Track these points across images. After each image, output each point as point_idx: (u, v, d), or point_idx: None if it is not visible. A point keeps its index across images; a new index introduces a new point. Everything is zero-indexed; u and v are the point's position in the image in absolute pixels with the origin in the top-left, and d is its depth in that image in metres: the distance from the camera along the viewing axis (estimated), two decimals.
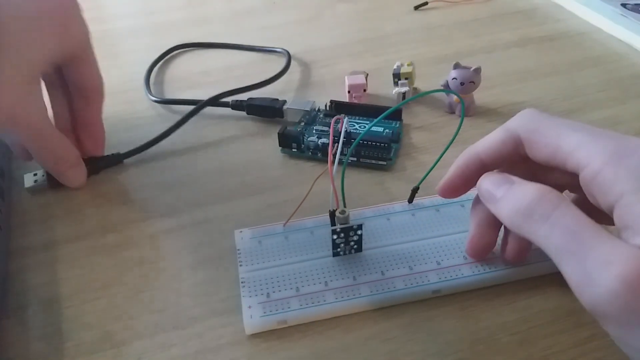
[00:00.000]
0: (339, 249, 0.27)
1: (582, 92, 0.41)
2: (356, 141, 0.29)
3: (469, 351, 0.24)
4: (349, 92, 0.40)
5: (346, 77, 0.40)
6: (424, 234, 0.28)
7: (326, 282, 0.26)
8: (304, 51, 0.47)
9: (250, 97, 0.39)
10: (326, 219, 0.27)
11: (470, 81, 0.37)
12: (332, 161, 0.26)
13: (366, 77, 0.40)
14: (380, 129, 0.36)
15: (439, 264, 0.27)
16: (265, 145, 0.36)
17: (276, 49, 0.47)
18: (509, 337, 0.24)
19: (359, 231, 0.26)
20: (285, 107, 0.38)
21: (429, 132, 0.37)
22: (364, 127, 0.36)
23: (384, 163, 0.34)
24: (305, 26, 0.53)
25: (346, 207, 0.26)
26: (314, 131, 0.36)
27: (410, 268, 0.26)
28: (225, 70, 0.46)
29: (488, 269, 0.26)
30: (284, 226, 0.29)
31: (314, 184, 0.28)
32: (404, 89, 0.39)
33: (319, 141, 0.34)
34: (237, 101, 0.39)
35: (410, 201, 0.30)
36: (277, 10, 0.57)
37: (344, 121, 0.31)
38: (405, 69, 0.40)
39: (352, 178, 0.33)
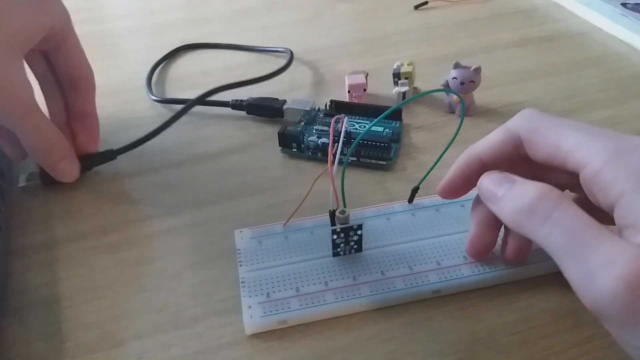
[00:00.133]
0: (339, 249, 0.27)
1: (582, 92, 0.41)
2: (356, 141, 0.29)
3: (469, 351, 0.24)
4: (349, 92, 0.40)
5: (346, 77, 0.40)
6: (424, 234, 0.28)
7: (326, 282, 0.26)
8: (304, 51, 0.47)
9: (250, 97, 0.39)
10: (326, 219, 0.27)
11: (470, 81, 0.37)
12: (332, 161, 0.26)
13: (366, 77, 0.40)
14: (380, 128, 0.36)
15: (439, 264, 0.27)
16: (265, 145, 0.36)
17: (279, 49, 0.47)
18: (509, 337, 0.24)
19: (359, 231, 0.26)
20: (285, 106, 0.38)
21: (429, 132, 0.37)
22: (364, 127, 0.36)
23: (384, 163, 0.34)
24: (306, 26, 0.53)
25: (346, 207, 0.26)
26: (314, 131, 0.36)
27: (410, 268, 0.26)
28: (226, 70, 0.46)
29: (488, 269, 0.26)
30: (284, 226, 0.29)
31: (314, 184, 0.28)
32: (404, 88, 0.39)
33: (319, 141, 0.34)
34: (237, 101, 0.39)
35: (410, 201, 0.30)
36: (277, 10, 0.57)
37: (344, 121, 0.31)
38: (405, 68, 0.40)
39: (352, 178, 0.33)
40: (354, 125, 0.36)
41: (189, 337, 0.25)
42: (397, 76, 0.40)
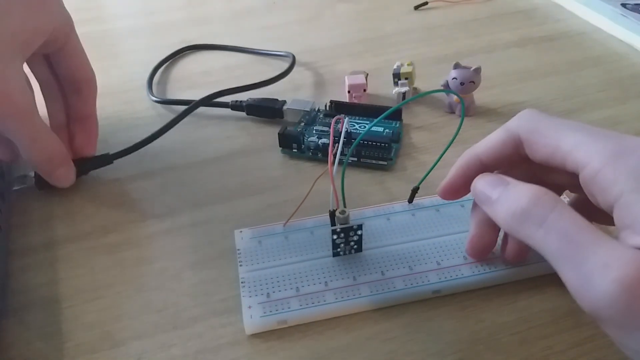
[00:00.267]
0: (339, 249, 0.27)
1: (582, 92, 0.41)
2: (356, 141, 0.29)
3: (469, 351, 0.24)
4: (349, 92, 0.40)
5: (346, 77, 0.40)
6: (424, 234, 0.28)
7: (326, 282, 0.26)
8: (304, 51, 0.47)
9: (250, 98, 0.39)
10: (326, 219, 0.27)
11: (470, 81, 0.37)
12: (332, 161, 0.26)
13: (366, 77, 0.40)
14: (381, 129, 0.36)
15: (439, 264, 0.27)
16: (265, 146, 0.36)
17: (282, 52, 0.46)
18: (509, 337, 0.24)
19: (359, 231, 0.26)
20: (285, 107, 0.38)
21: (429, 132, 0.37)
22: (364, 127, 0.36)
23: (384, 163, 0.34)
24: (305, 26, 0.53)
25: (346, 207, 0.26)
26: (314, 131, 0.36)
27: (410, 268, 0.26)
28: (226, 70, 0.46)
29: (488, 269, 0.26)
30: (284, 226, 0.29)
31: (314, 184, 0.28)
32: (404, 89, 0.39)
33: (319, 141, 0.34)
34: (237, 101, 0.39)
35: (411, 201, 0.30)
36: (277, 10, 0.57)
37: (344, 121, 0.31)
38: (405, 69, 0.40)
39: (352, 178, 0.33)
40: (354, 126, 0.36)
41: (189, 337, 0.25)
42: (397, 76, 0.40)
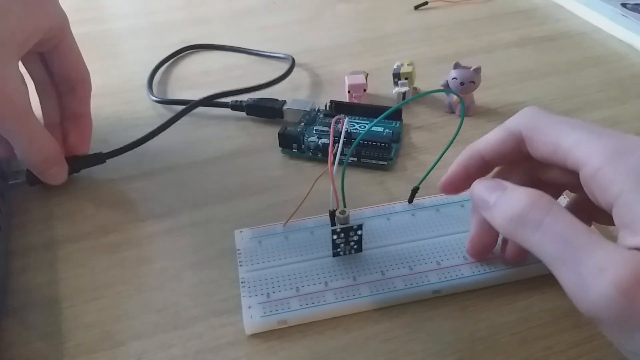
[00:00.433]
0: (339, 249, 0.27)
1: (582, 92, 0.41)
2: (356, 141, 0.29)
3: (469, 351, 0.24)
4: (349, 92, 0.40)
5: (346, 77, 0.40)
6: (424, 234, 0.28)
7: (326, 282, 0.26)
8: (304, 51, 0.47)
9: (250, 98, 0.39)
10: (326, 219, 0.27)
11: (470, 81, 0.37)
12: (332, 161, 0.26)
13: (366, 77, 0.40)
14: (381, 129, 0.36)
15: (439, 264, 0.27)
16: (265, 146, 0.36)
17: (281, 55, 0.46)
18: (509, 337, 0.24)
19: (359, 231, 0.26)
20: (285, 107, 0.38)
21: (429, 132, 0.37)
22: (364, 127, 0.36)
23: (385, 163, 0.34)
24: (305, 26, 0.53)
25: (346, 207, 0.26)
26: (314, 131, 0.36)
27: (410, 268, 0.26)
28: (226, 70, 0.46)
29: (488, 269, 0.26)
30: (284, 226, 0.29)
31: (314, 184, 0.28)
32: (404, 89, 0.39)
33: (319, 141, 0.34)
34: (237, 101, 0.39)
35: (411, 201, 0.30)
36: (277, 10, 0.57)
37: (344, 121, 0.31)
38: (405, 69, 0.40)
39: (352, 178, 0.33)
40: (354, 126, 0.36)
41: (189, 337, 0.25)
42: (397, 76, 0.40)
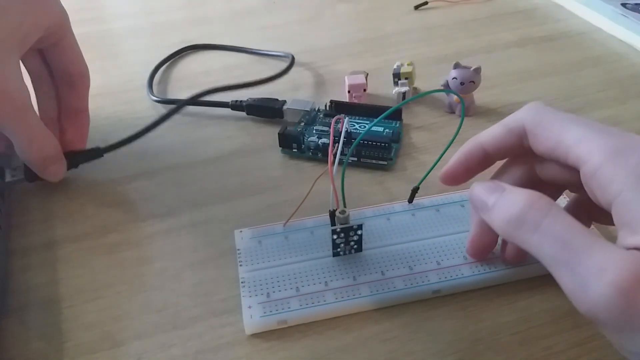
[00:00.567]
0: (339, 249, 0.27)
1: (582, 92, 0.41)
2: (356, 141, 0.29)
3: (469, 351, 0.24)
4: (349, 92, 0.40)
5: (346, 77, 0.40)
6: (424, 234, 0.28)
7: (326, 282, 0.26)
8: (304, 51, 0.47)
9: (250, 97, 0.39)
10: (326, 219, 0.27)
11: (470, 81, 0.37)
12: (332, 161, 0.26)
13: (366, 77, 0.40)
14: (381, 129, 0.36)
15: (439, 264, 0.27)
16: (265, 145, 0.36)
17: (281, 53, 0.46)
18: (509, 337, 0.24)
19: (359, 231, 0.26)
20: (285, 107, 0.38)
21: (429, 132, 0.37)
22: (364, 127, 0.36)
23: (384, 163, 0.34)
24: (305, 26, 0.53)
25: (346, 207, 0.26)
26: (314, 131, 0.36)
27: (410, 268, 0.26)
28: (226, 70, 0.46)
29: (488, 269, 0.26)
30: (284, 226, 0.29)
31: (314, 184, 0.28)
32: (404, 89, 0.39)
33: (319, 141, 0.34)
34: (237, 101, 0.39)
35: (411, 201, 0.30)
36: (277, 10, 0.57)
37: (344, 121, 0.31)
38: (405, 69, 0.40)
39: (352, 178, 0.33)
40: (354, 126, 0.36)
41: (189, 337, 0.25)
42: (397, 76, 0.40)
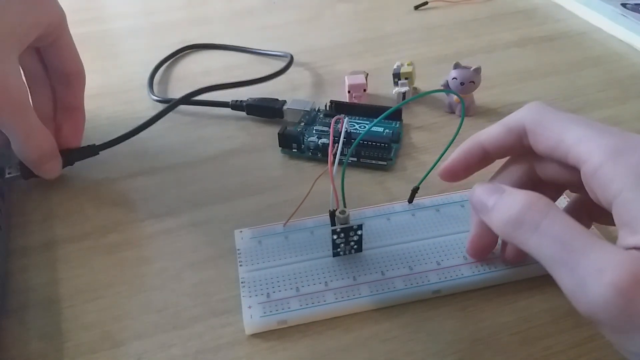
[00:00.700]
0: (339, 249, 0.27)
1: (582, 92, 0.41)
2: (356, 141, 0.29)
3: (469, 351, 0.24)
4: (349, 92, 0.40)
5: (346, 77, 0.40)
6: (424, 234, 0.28)
7: (326, 282, 0.26)
8: (303, 51, 0.47)
9: (250, 97, 0.39)
10: (326, 219, 0.27)
11: (470, 81, 0.37)
12: (332, 161, 0.26)
13: (366, 77, 0.40)
14: (380, 129, 0.36)
15: (439, 264, 0.27)
16: (265, 145, 0.36)
17: (280, 53, 0.46)
18: (509, 337, 0.24)
19: (359, 231, 0.26)
20: (285, 107, 0.38)
21: (429, 132, 0.37)
22: (364, 127, 0.36)
23: (384, 163, 0.34)
24: (305, 26, 0.53)
25: (346, 207, 0.26)
26: (314, 131, 0.36)
27: (410, 268, 0.26)
28: (226, 70, 0.46)
29: (488, 269, 0.26)
30: (284, 226, 0.29)
31: (314, 184, 0.28)
32: (404, 89, 0.39)
33: (319, 141, 0.34)
34: (237, 101, 0.39)
35: (411, 201, 0.30)
36: (277, 10, 0.57)
37: (344, 121, 0.31)
38: (405, 69, 0.40)
39: (352, 178, 0.33)
40: (354, 126, 0.36)
41: (189, 337, 0.25)
42: (397, 76, 0.40)
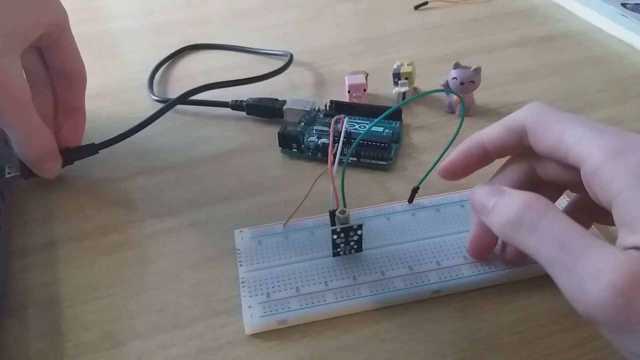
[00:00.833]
0: (339, 249, 0.27)
1: (582, 92, 0.41)
2: (356, 141, 0.29)
3: (469, 351, 0.24)
4: (349, 92, 0.40)
5: (346, 77, 0.40)
6: (424, 234, 0.28)
7: (326, 282, 0.26)
8: (303, 51, 0.47)
9: (250, 97, 0.39)
10: (326, 219, 0.27)
11: (470, 81, 0.37)
12: (332, 161, 0.26)
13: (366, 77, 0.40)
14: (380, 129, 0.36)
15: (439, 264, 0.27)
16: (265, 146, 0.36)
17: (279, 52, 0.46)
18: (509, 337, 0.24)
19: (359, 231, 0.26)
20: (285, 107, 0.38)
21: (429, 132, 0.37)
22: (364, 127, 0.36)
23: (384, 163, 0.34)
24: (305, 26, 0.53)
25: (346, 207, 0.26)
26: (314, 131, 0.36)
27: (410, 268, 0.26)
28: (226, 69, 0.46)
29: (488, 269, 0.26)
30: (284, 226, 0.29)
31: (314, 184, 0.28)
32: (404, 89, 0.39)
33: (319, 141, 0.34)
34: (237, 101, 0.39)
35: (411, 201, 0.30)
36: (277, 10, 0.57)
37: (344, 121, 0.31)
38: (405, 69, 0.40)
39: (352, 178, 0.33)
40: (354, 126, 0.36)
41: (189, 337, 0.25)
42: (397, 76, 0.40)
